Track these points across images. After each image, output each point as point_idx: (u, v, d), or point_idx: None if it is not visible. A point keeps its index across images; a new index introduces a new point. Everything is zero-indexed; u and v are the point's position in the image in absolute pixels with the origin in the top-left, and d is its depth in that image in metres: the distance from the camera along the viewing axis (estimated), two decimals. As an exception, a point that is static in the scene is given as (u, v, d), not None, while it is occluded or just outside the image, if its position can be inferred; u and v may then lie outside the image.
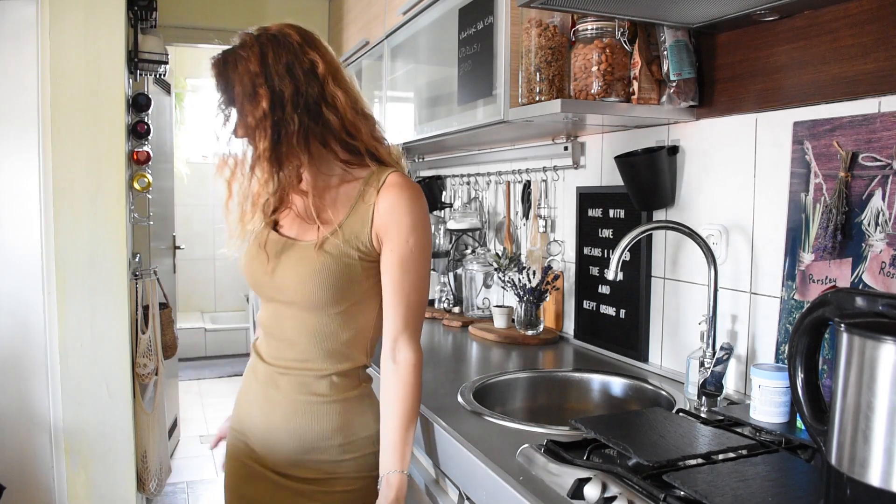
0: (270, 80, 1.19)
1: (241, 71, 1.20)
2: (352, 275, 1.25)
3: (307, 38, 1.26)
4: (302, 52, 1.23)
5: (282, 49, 1.22)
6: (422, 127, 2.31)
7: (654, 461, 1.04)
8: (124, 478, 2.61)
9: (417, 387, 1.27)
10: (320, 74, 1.23)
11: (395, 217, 1.23)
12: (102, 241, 2.50)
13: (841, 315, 0.87)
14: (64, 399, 2.50)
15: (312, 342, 1.29)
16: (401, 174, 1.28)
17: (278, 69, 1.20)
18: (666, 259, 1.75)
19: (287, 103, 1.20)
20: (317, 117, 1.22)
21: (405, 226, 1.23)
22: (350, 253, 1.25)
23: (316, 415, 1.29)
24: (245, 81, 1.20)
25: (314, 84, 1.22)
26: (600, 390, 1.73)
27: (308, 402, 1.29)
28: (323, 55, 1.25)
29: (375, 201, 1.24)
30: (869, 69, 1.23)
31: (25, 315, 2.47)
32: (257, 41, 1.22)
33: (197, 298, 6.44)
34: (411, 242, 1.24)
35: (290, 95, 1.20)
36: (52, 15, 2.40)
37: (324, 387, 1.29)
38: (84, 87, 2.45)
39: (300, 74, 1.21)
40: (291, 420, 1.30)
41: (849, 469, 0.82)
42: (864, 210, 1.22)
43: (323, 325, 1.28)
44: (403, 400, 1.25)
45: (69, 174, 2.45)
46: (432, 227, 1.38)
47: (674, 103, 1.58)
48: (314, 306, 1.26)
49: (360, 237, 1.25)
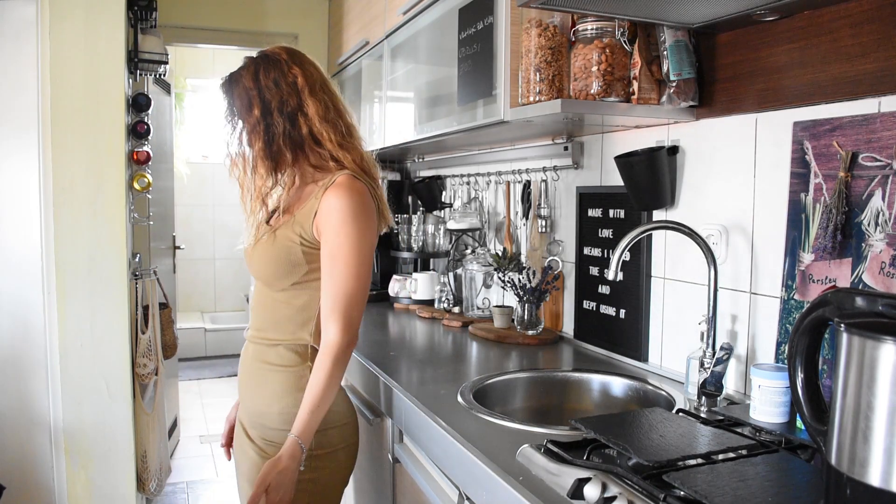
0: (261, 92, 1.44)
1: (240, 86, 1.46)
2: (291, 257, 1.46)
3: (294, 56, 1.49)
4: (287, 68, 1.46)
5: (271, 66, 1.46)
6: (422, 127, 2.31)
7: (654, 461, 1.04)
8: (124, 478, 2.61)
9: (330, 370, 1.40)
10: (299, 87, 1.45)
11: (332, 214, 1.41)
12: (102, 241, 2.50)
13: (841, 315, 0.87)
14: (64, 399, 2.50)
15: (266, 312, 1.52)
16: (349, 176, 1.45)
17: (268, 83, 1.44)
18: (666, 259, 1.75)
19: (274, 110, 1.44)
20: (294, 124, 1.45)
21: (337, 221, 1.41)
22: (293, 238, 1.45)
23: (262, 380, 1.51)
24: (242, 94, 1.46)
25: (294, 95, 1.45)
26: (600, 390, 1.73)
27: (260, 368, 1.52)
28: (304, 70, 1.47)
29: (321, 198, 1.43)
30: (869, 69, 1.23)
31: (25, 315, 2.47)
32: (253, 62, 1.48)
33: (197, 298, 6.43)
34: (341, 237, 1.40)
35: (276, 104, 1.44)
36: (52, 15, 2.40)
37: (272, 355, 1.50)
38: (84, 87, 2.45)
39: (284, 87, 1.45)
40: (249, 384, 1.54)
41: (849, 469, 0.82)
42: (864, 210, 1.22)
43: (274, 298, 1.51)
44: (315, 378, 1.41)
45: (69, 174, 2.45)
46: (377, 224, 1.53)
47: (674, 103, 1.58)
48: (266, 280, 1.51)
49: (305, 227, 1.45)
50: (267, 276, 1.50)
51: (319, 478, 1.47)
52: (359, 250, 1.41)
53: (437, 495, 1.46)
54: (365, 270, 1.43)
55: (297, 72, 1.46)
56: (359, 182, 1.45)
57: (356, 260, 1.41)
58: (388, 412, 1.71)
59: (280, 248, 1.46)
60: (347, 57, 3.20)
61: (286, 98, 1.44)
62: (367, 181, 1.48)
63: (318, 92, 1.47)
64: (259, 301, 1.55)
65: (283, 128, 1.43)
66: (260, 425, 1.51)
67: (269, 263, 1.48)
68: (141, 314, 2.76)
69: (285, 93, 1.44)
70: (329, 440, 1.48)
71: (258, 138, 1.44)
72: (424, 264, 2.98)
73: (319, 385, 1.39)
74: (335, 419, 1.49)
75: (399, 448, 1.70)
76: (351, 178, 1.45)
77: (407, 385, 1.65)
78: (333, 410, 1.47)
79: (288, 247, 1.46)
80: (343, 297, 1.40)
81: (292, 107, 1.44)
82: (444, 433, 1.34)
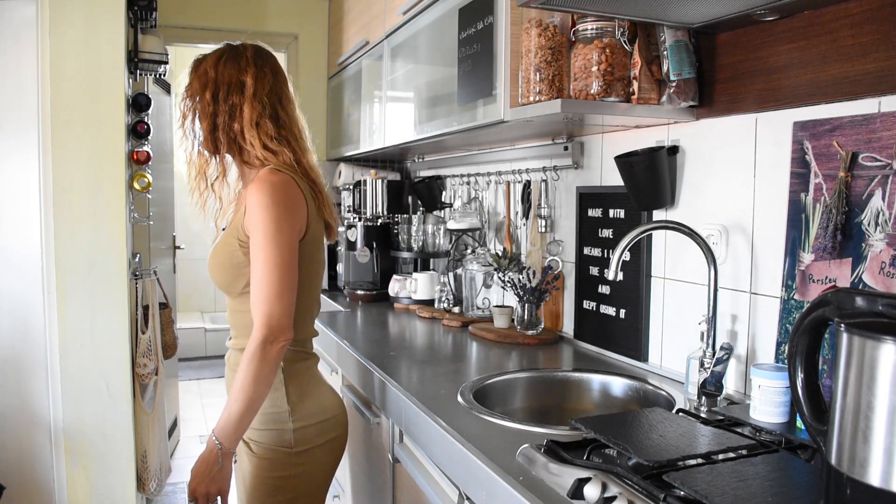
0: (217, 78, 1.49)
1: (202, 67, 1.52)
2: (235, 260, 1.47)
3: (257, 57, 1.53)
4: (245, 65, 1.50)
5: (231, 59, 1.51)
6: (422, 127, 2.31)
7: (654, 461, 1.04)
8: (124, 478, 2.60)
9: (244, 368, 1.37)
10: (245, 87, 1.49)
11: (251, 210, 1.41)
12: (102, 241, 2.50)
13: (841, 315, 0.87)
14: (64, 399, 2.50)
15: (232, 319, 1.55)
16: (269, 170, 1.46)
17: (223, 73, 1.49)
18: (666, 259, 1.75)
19: (220, 100, 1.48)
20: (232, 117, 1.49)
21: (256, 216, 1.40)
22: (233, 242, 1.47)
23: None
24: (202, 76, 1.51)
25: (238, 93, 1.49)
26: (600, 390, 1.73)
27: (234, 372, 1.49)
28: (258, 73, 1.50)
29: (247, 197, 1.44)
30: (869, 69, 1.23)
31: (25, 315, 2.47)
32: (222, 49, 1.53)
33: (197, 298, 6.43)
34: (259, 230, 1.39)
35: (223, 94, 1.48)
36: (52, 15, 2.40)
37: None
38: (84, 87, 2.45)
39: (234, 82, 1.49)
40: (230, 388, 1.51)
41: (849, 469, 0.82)
42: (864, 210, 1.22)
43: (234, 303, 1.53)
44: (237, 377, 1.39)
45: (69, 174, 2.45)
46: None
47: (674, 103, 1.58)
48: (220, 287, 1.54)
49: (239, 228, 1.46)
50: (220, 283, 1.53)
51: (300, 473, 1.49)
52: (276, 242, 1.39)
53: (437, 495, 1.46)
54: (284, 262, 1.39)
55: (251, 73, 1.49)
56: (279, 174, 1.45)
57: (274, 251, 1.38)
58: (388, 412, 1.71)
59: (225, 253, 1.48)
60: (347, 57, 3.20)
61: (231, 93, 1.49)
62: (293, 174, 1.48)
63: (261, 96, 1.50)
64: (227, 308, 1.58)
65: (224, 118, 1.49)
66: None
67: (218, 269, 1.51)
68: (141, 314, 2.76)
69: (233, 88, 1.49)
70: (308, 435, 1.49)
71: (206, 119, 1.50)
72: (424, 264, 2.98)
73: (236, 383, 1.39)
74: (315, 414, 1.51)
75: (399, 448, 1.70)
76: (270, 171, 1.46)
77: (407, 385, 1.65)
78: (312, 405, 1.50)
79: (231, 251, 1.47)
80: (261, 292, 1.38)
81: (233, 102, 1.49)
82: (444, 433, 1.34)
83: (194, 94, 1.51)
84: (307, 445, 1.49)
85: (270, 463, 1.49)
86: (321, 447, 1.52)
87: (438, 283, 2.69)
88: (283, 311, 1.38)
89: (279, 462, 1.48)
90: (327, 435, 1.53)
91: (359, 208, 3.14)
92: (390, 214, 3.06)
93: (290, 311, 1.40)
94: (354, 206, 3.20)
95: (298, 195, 1.46)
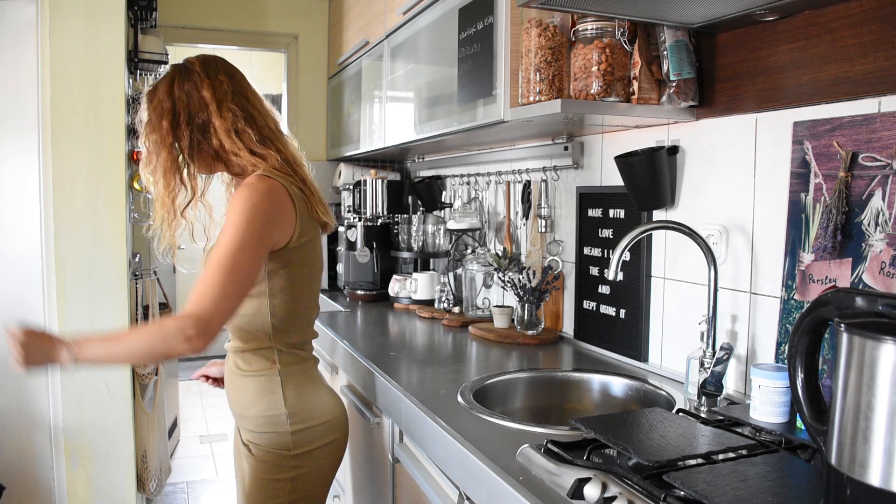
0: (174, 104, 1.45)
1: (156, 97, 1.47)
2: None
3: (207, 66, 1.48)
4: (199, 79, 1.46)
5: (185, 77, 1.47)
6: (422, 127, 2.31)
7: (654, 461, 1.04)
8: (124, 478, 2.61)
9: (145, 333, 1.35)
10: (207, 101, 1.45)
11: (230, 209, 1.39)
12: (102, 241, 2.50)
13: (841, 315, 0.87)
14: (64, 399, 2.50)
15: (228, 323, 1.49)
16: (258, 176, 1.43)
17: (181, 95, 1.45)
18: (666, 259, 1.75)
19: (182, 123, 1.45)
20: (205, 135, 1.46)
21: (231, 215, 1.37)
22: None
23: (239, 386, 1.55)
24: (157, 106, 1.46)
25: (203, 109, 1.45)
26: (600, 390, 1.73)
27: (233, 374, 1.57)
28: (213, 82, 1.46)
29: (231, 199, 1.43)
30: (869, 69, 1.23)
31: (25, 315, 2.47)
32: (170, 73, 1.49)
33: (197, 298, 6.42)
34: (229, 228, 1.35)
35: (184, 117, 1.45)
36: (52, 15, 2.40)
37: (242, 362, 1.54)
38: (84, 87, 2.45)
39: (196, 99, 1.45)
40: (230, 390, 1.60)
41: (849, 469, 0.82)
42: (864, 210, 1.22)
43: None
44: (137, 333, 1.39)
45: (69, 174, 2.45)
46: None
47: (674, 103, 1.58)
48: None
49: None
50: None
51: (300, 476, 1.49)
52: (241, 247, 1.33)
53: (437, 495, 1.46)
54: (242, 268, 1.32)
55: (206, 84, 1.45)
56: (268, 180, 1.42)
57: (234, 253, 1.32)
58: (388, 412, 1.71)
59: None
60: (347, 57, 3.20)
61: (196, 111, 1.45)
62: (283, 178, 1.45)
63: (227, 104, 1.46)
64: None
65: (192, 140, 1.45)
66: (244, 428, 1.56)
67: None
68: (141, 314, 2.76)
69: (196, 105, 1.45)
70: (307, 438, 1.50)
71: (164, 148, 1.45)
72: (424, 264, 2.98)
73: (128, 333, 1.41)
74: (313, 416, 1.51)
75: (399, 448, 1.70)
76: (259, 177, 1.43)
77: (407, 385, 1.65)
78: (311, 408, 1.51)
79: None
80: (206, 286, 1.30)
81: (203, 119, 1.45)
82: (444, 433, 1.34)
83: (156, 127, 1.45)
84: (306, 448, 1.50)
85: (269, 465, 1.49)
86: (320, 449, 1.52)
87: (438, 283, 2.69)
88: (220, 313, 1.29)
89: (278, 464, 1.49)
90: (326, 437, 1.53)
91: (359, 208, 3.14)
92: (390, 214, 3.06)
93: (224, 320, 1.31)
94: (354, 206, 3.20)
95: (285, 202, 1.42)
